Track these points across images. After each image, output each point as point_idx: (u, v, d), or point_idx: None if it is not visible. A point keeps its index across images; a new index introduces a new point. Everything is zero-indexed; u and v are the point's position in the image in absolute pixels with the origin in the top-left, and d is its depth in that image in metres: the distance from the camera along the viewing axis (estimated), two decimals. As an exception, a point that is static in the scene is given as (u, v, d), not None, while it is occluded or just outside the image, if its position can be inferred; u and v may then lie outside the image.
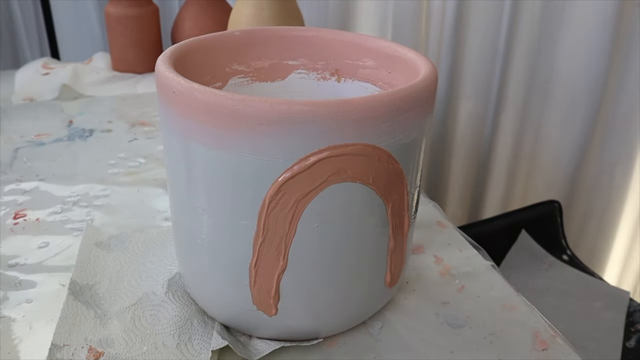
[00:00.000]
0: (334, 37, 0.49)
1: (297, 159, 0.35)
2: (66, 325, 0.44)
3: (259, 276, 0.39)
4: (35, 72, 0.99)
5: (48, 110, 0.87)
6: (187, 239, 0.42)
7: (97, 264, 0.51)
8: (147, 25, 1.00)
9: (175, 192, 0.42)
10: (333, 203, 0.37)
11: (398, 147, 0.37)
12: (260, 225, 0.37)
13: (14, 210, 0.60)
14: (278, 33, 0.50)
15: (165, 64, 0.39)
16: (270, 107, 0.33)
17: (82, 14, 1.24)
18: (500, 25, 1.09)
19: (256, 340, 0.44)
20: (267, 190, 0.36)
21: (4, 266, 0.52)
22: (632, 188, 1.15)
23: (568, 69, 1.08)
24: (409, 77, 0.42)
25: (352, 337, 0.45)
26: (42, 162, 0.71)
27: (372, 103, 0.35)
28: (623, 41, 1.03)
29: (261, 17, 0.70)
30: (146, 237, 0.55)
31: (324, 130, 0.34)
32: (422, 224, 0.60)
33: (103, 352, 0.42)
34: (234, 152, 0.35)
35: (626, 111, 1.09)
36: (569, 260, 0.76)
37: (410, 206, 0.42)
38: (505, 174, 1.24)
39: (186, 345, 0.43)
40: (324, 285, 0.41)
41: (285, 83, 0.51)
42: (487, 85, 1.16)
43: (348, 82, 0.50)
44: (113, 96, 0.93)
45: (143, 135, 0.79)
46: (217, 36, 0.47)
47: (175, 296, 0.47)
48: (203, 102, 0.35)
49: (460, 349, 0.44)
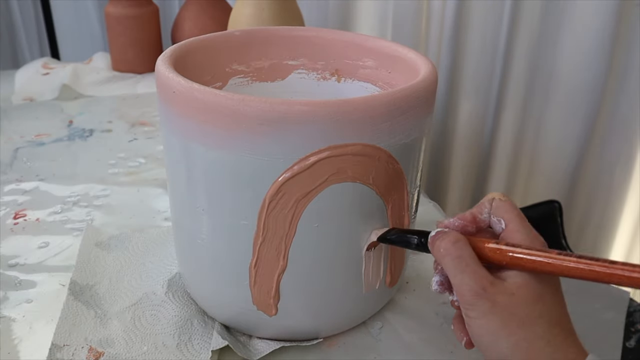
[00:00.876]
0: (334, 37, 0.49)
1: (297, 159, 0.35)
2: (66, 325, 0.44)
3: (259, 276, 0.39)
4: (35, 72, 0.99)
5: (48, 110, 0.87)
6: (187, 239, 0.42)
7: (97, 264, 0.51)
8: (147, 25, 1.00)
9: (175, 192, 0.42)
10: (333, 203, 0.37)
11: (398, 147, 0.37)
12: (260, 225, 0.37)
13: (14, 210, 0.60)
14: (278, 33, 0.50)
15: (165, 64, 0.39)
16: (270, 107, 0.33)
17: (82, 14, 1.25)
18: (501, 25, 1.09)
19: (256, 340, 0.44)
20: (267, 190, 0.36)
21: (4, 266, 0.52)
22: (632, 188, 1.15)
23: (568, 69, 1.08)
24: (409, 77, 0.42)
25: (352, 337, 0.45)
26: (42, 162, 0.71)
27: (372, 103, 0.35)
28: (623, 41, 1.03)
29: (261, 17, 0.70)
30: (146, 237, 0.55)
31: (324, 130, 0.34)
32: (422, 224, 0.59)
33: (103, 352, 0.42)
34: (234, 152, 0.35)
35: (626, 111, 1.09)
36: (569, 260, 0.76)
37: (410, 206, 0.42)
38: (505, 173, 1.24)
39: (186, 345, 0.43)
40: (324, 285, 0.41)
41: (285, 83, 0.51)
42: (487, 85, 1.16)
43: (348, 82, 0.50)
44: (113, 96, 0.93)
45: (143, 135, 0.79)
46: (217, 36, 0.47)
47: (175, 296, 0.47)
48: (203, 102, 0.35)
49: (460, 349, 0.44)
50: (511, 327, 0.31)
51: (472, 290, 0.31)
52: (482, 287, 0.31)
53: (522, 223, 0.33)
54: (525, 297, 0.31)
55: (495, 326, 0.31)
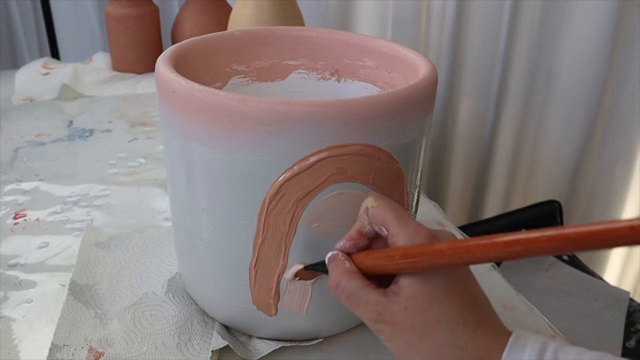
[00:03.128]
0: (334, 37, 0.49)
1: (297, 159, 0.35)
2: (66, 325, 0.44)
3: (259, 276, 0.39)
4: (35, 72, 0.99)
5: (48, 110, 0.87)
6: (187, 239, 0.42)
7: (97, 264, 0.51)
8: (147, 25, 1.00)
9: (175, 192, 0.42)
10: (333, 203, 0.37)
11: (398, 147, 0.37)
12: (260, 225, 0.37)
13: (14, 210, 0.60)
14: (278, 33, 0.50)
15: (165, 64, 0.39)
16: (270, 107, 0.33)
17: (81, 14, 1.24)
18: (501, 25, 1.09)
19: (256, 340, 0.44)
20: (267, 190, 0.36)
21: (4, 266, 0.52)
22: (632, 188, 1.15)
23: (568, 69, 1.08)
24: (409, 77, 0.42)
25: (352, 337, 0.45)
26: (42, 162, 0.71)
27: (372, 103, 0.35)
28: (623, 41, 1.03)
29: (261, 17, 0.70)
30: (146, 237, 0.55)
31: (324, 130, 0.34)
32: (422, 223, 0.60)
33: (103, 352, 0.42)
34: (234, 152, 0.35)
35: (626, 111, 1.09)
36: (569, 260, 0.76)
37: (410, 206, 0.42)
38: (505, 173, 1.24)
39: (186, 345, 0.43)
40: (324, 285, 0.41)
41: (285, 83, 0.51)
42: (487, 85, 1.16)
43: (348, 82, 0.50)
44: (113, 96, 0.93)
45: (143, 135, 0.79)
46: (217, 36, 0.47)
47: (175, 296, 0.47)
48: (203, 102, 0.35)
49: (460, 349, 0.44)
50: (415, 344, 0.30)
51: (372, 320, 0.31)
52: (378, 313, 0.31)
53: (399, 224, 0.31)
54: (417, 306, 0.30)
55: (401, 346, 0.31)
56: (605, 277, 1.20)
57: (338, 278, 0.32)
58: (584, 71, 1.06)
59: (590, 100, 1.08)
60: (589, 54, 1.04)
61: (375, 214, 0.32)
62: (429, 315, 0.30)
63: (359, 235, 0.33)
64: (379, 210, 0.32)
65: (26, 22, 1.23)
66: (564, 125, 1.13)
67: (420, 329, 0.30)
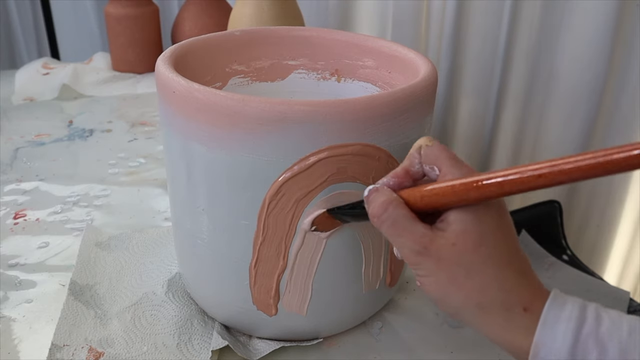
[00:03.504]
0: (334, 37, 0.49)
1: (297, 159, 0.35)
2: (66, 325, 0.44)
3: (259, 276, 0.39)
4: (35, 72, 0.99)
5: (48, 110, 0.87)
6: (187, 239, 0.42)
7: (97, 264, 0.51)
8: (147, 25, 1.00)
9: (175, 192, 0.42)
10: (333, 203, 0.37)
11: (398, 147, 0.37)
12: (260, 225, 0.37)
13: (14, 210, 0.60)
14: (278, 33, 0.50)
15: (165, 64, 0.39)
16: (270, 107, 0.33)
17: (81, 14, 1.24)
18: (501, 25, 1.09)
19: (256, 340, 0.44)
20: (267, 190, 0.36)
21: (4, 266, 0.52)
22: (632, 188, 1.15)
23: (568, 69, 1.08)
24: (409, 77, 0.42)
25: (352, 337, 0.45)
26: (42, 162, 0.71)
27: (372, 103, 0.35)
28: (623, 41, 1.03)
29: (261, 17, 0.70)
30: (146, 237, 0.55)
31: (324, 130, 0.34)
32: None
33: (103, 352, 0.42)
34: (234, 152, 0.35)
35: (626, 111, 1.09)
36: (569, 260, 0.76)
37: (410, 206, 0.42)
38: (505, 174, 1.23)
39: (186, 345, 0.43)
40: (324, 285, 0.41)
41: (285, 83, 0.51)
42: (487, 85, 1.16)
43: (348, 82, 0.50)
44: (113, 96, 0.93)
45: (143, 135, 0.79)
46: (217, 36, 0.47)
47: (175, 296, 0.47)
48: (203, 102, 0.35)
49: (460, 349, 0.44)
50: (459, 281, 0.30)
51: (414, 252, 0.30)
52: (423, 246, 0.30)
53: (453, 163, 0.31)
54: (467, 244, 0.29)
55: (443, 282, 0.30)
56: (605, 277, 1.20)
57: (384, 205, 0.31)
58: (584, 71, 1.06)
59: (590, 100, 1.08)
60: (589, 54, 1.04)
61: (429, 153, 0.32)
62: (478, 253, 0.30)
63: (405, 174, 0.33)
64: (433, 150, 0.32)
65: (24, 22, 1.23)
66: (564, 125, 1.13)
67: (467, 266, 0.30)
